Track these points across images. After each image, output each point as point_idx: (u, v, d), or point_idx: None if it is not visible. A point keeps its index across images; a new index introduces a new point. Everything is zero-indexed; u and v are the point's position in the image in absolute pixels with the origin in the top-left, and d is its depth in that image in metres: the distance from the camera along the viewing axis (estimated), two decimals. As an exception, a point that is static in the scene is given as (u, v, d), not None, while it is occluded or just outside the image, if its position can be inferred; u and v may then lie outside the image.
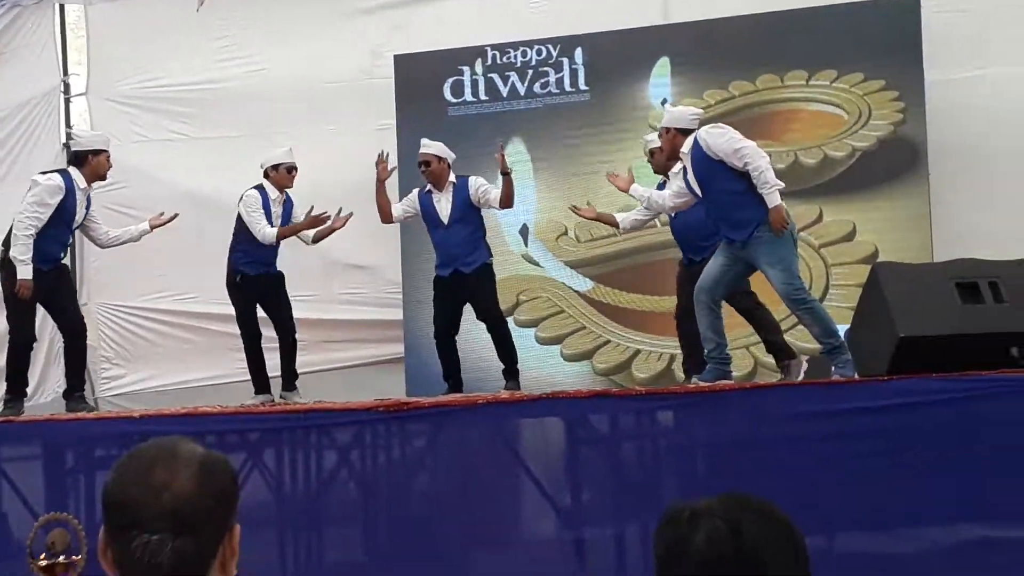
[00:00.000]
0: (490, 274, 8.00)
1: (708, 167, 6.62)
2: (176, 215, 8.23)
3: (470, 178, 8.01)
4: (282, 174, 8.18)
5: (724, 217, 6.64)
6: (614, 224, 7.82)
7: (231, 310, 8.93)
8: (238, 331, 8.50)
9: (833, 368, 6.57)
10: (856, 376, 6.43)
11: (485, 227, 8.09)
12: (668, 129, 6.89)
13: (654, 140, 7.53)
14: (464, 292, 7.92)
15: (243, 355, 8.37)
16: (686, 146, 6.75)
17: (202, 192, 10.03)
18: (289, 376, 8.23)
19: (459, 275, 7.88)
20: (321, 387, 8.75)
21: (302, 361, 8.47)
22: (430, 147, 8.03)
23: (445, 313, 7.96)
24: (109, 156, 7.79)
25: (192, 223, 9.68)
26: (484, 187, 7.96)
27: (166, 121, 10.42)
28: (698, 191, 6.79)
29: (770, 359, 7.73)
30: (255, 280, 8.12)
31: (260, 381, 8.19)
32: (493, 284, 8.02)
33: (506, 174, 7.80)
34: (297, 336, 8.31)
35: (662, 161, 7.42)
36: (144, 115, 10.44)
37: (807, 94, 9.03)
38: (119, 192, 9.82)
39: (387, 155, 8.12)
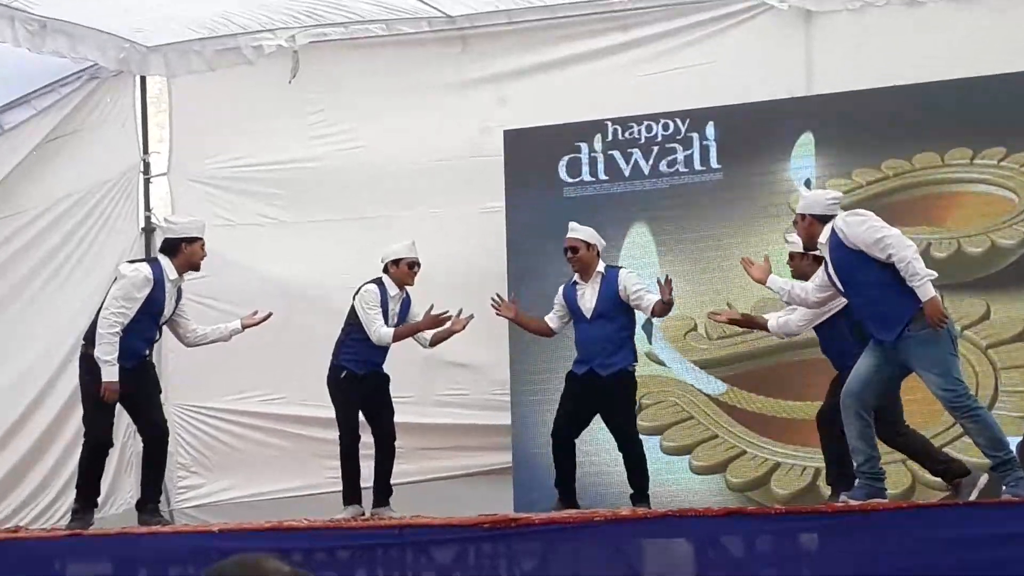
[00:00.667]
0: (630, 382, 8.03)
1: (848, 259, 6.62)
2: (270, 314, 8.36)
3: (621, 271, 8.10)
4: (403, 270, 8.31)
5: (870, 314, 6.61)
6: (763, 328, 7.75)
7: (320, 412, 9.13)
8: (327, 436, 8.60)
9: (1004, 487, 6.43)
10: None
11: (634, 327, 8.11)
12: (804, 216, 6.88)
13: (796, 244, 7.47)
14: (596, 397, 7.94)
15: (333, 463, 8.48)
16: (823, 235, 6.73)
17: (292, 282, 10.28)
18: (384, 489, 8.28)
19: (594, 376, 7.92)
20: (418, 501, 8.76)
21: (397, 471, 8.55)
22: (578, 231, 8.10)
23: (570, 414, 8.01)
24: (204, 244, 7.94)
25: (280, 316, 9.71)
26: (638, 288, 8.00)
27: (253, 203, 10.66)
28: (840, 285, 6.75)
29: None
30: (361, 380, 8.25)
31: (352, 490, 8.25)
32: (631, 395, 8.07)
33: (668, 303, 7.89)
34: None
35: (801, 266, 7.38)
36: (229, 197, 10.67)
37: (972, 174, 8.98)
38: (201, 282, 9.90)
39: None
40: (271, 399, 10.44)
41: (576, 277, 8.07)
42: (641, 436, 8.85)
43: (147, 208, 10.88)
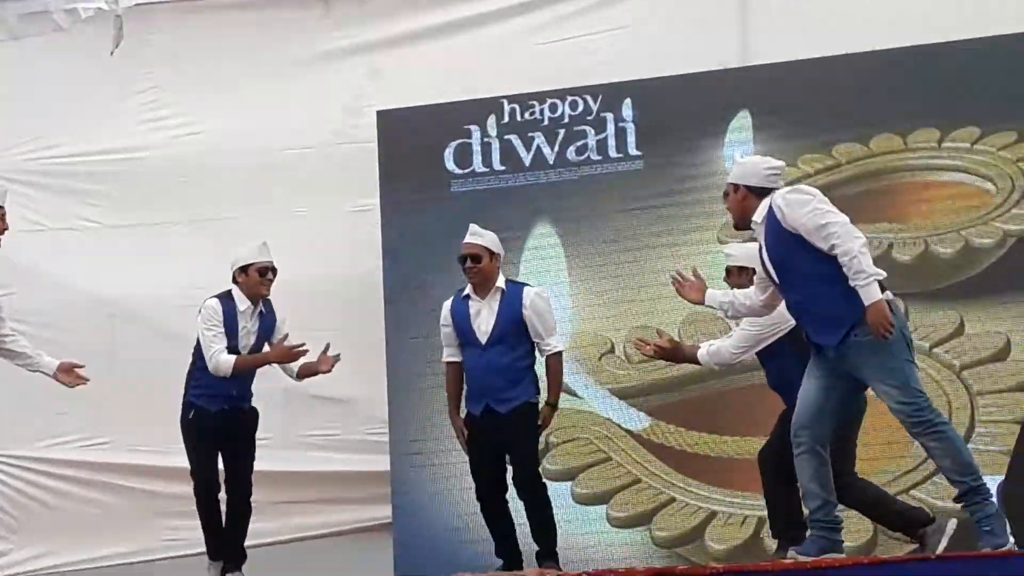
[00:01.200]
0: (532, 418, 7.93)
1: (785, 244, 6.46)
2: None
3: (528, 289, 7.94)
4: (253, 278, 8.12)
5: (809, 314, 6.51)
6: (695, 362, 7.63)
7: (156, 460, 9.25)
8: (164, 489, 8.68)
9: (980, 537, 6.41)
10: (1012, 543, 6.26)
11: (535, 356, 7.95)
12: (736, 187, 6.68)
13: (736, 256, 7.40)
14: (497, 438, 7.85)
15: (172, 522, 8.71)
16: (759, 213, 6.59)
17: (119, 300, 10.21)
18: (234, 553, 8.15)
19: (492, 414, 7.83)
20: (278, 566, 8.73)
21: (253, 529, 8.39)
22: (481, 236, 7.96)
23: (485, 464, 7.90)
24: (4, 215, 7.63)
25: (104, 343, 9.86)
26: (543, 319, 7.87)
27: (70, 203, 10.55)
28: (774, 276, 6.63)
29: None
30: (214, 417, 8.11)
31: (217, 545, 8.17)
32: (534, 432, 7.97)
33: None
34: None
35: (741, 282, 7.28)
36: (40, 196, 10.53)
37: (940, 160, 9.01)
38: (5, 299, 9.71)
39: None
40: (93, 445, 10.31)
41: (469, 290, 7.94)
42: (547, 481, 8.76)
43: (-63, 207, 10.71)
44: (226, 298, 8.12)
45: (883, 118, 9.08)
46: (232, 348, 8.00)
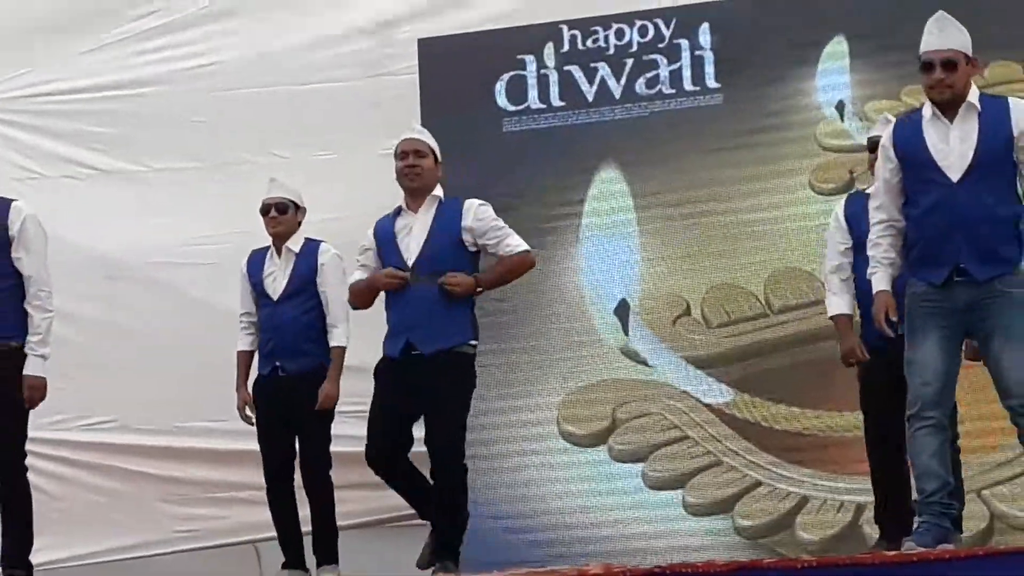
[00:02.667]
0: (465, 368, 7.60)
1: (999, 143, 6.50)
2: None
3: (469, 201, 7.68)
4: (264, 220, 8.41)
5: (971, 230, 6.48)
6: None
7: (170, 440, 9.50)
8: (179, 473, 8.98)
9: None
10: None
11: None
12: (969, 58, 6.65)
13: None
14: (417, 387, 7.49)
15: (185, 511, 8.98)
16: (973, 96, 6.60)
17: (122, 257, 10.26)
18: (322, 545, 8.23)
19: (415, 356, 7.51)
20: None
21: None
22: (423, 134, 7.81)
23: (389, 416, 7.55)
24: None
25: (103, 307, 10.00)
26: (495, 225, 7.64)
27: (65, 148, 10.57)
28: (954, 172, 6.51)
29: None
30: (264, 383, 8.32)
31: (286, 548, 8.28)
32: (466, 386, 7.61)
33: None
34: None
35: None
36: (29, 139, 10.58)
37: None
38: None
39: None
40: (95, 424, 10.34)
41: (403, 202, 7.68)
42: (618, 464, 9.39)
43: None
44: (261, 250, 8.44)
45: (1002, 42, 8.95)
46: (259, 291, 8.30)
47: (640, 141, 9.58)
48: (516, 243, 7.61)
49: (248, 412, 8.29)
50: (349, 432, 8.31)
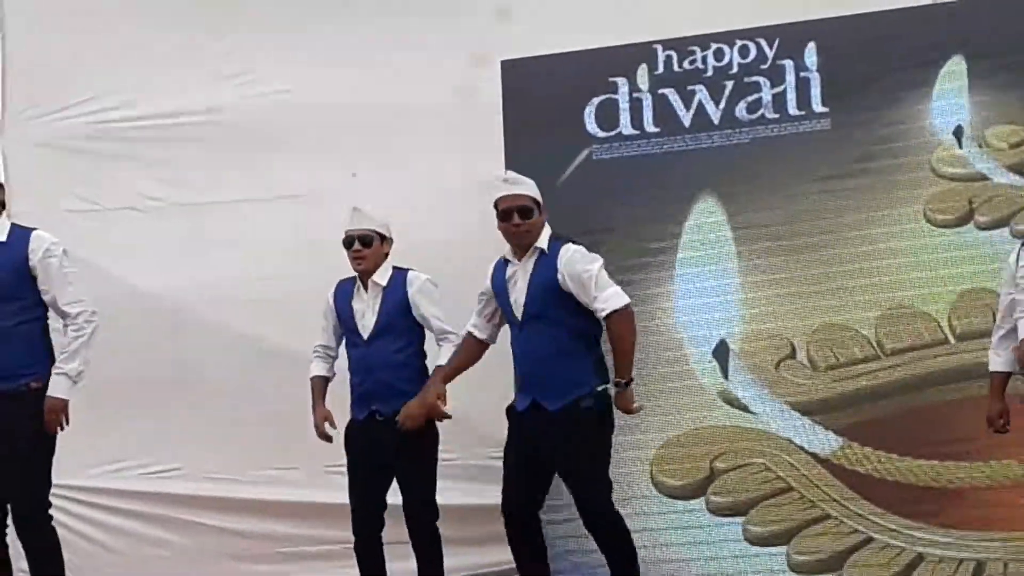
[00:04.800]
0: (597, 419, 7.90)
1: None
2: None
3: (570, 247, 7.98)
4: (348, 255, 8.54)
5: None
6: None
7: (238, 492, 9.73)
8: (248, 527, 9.35)
9: None
10: None
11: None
12: None
13: None
14: (548, 438, 7.87)
15: (256, 568, 9.30)
16: None
17: (187, 294, 10.28)
18: None
19: (540, 411, 7.87)
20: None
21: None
22: (524, 185, 8.12)
23: (519, 471, 8.00)
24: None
25: (169, 348, 10.00)
26: (592, 275, 7.88)
27: (128, 178, 10.58)
28: None
29: None
30: (359, 428, 8.45)
31: None
32: (598, 438, 7.94)
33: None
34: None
35: None
36: (92, 169, 10.62)
37: None
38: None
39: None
40: (158, 473, 10.37)
41: (508, 254, 8.06)
42: (716, 517, 9.26)
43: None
44: (345, 283, 8.60)
45: None
46: (348, 328, 8.46)
47: (741, 170, 9.42)
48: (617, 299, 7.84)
49: (328, 429, 8.43)
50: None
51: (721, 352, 9.33)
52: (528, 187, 8.04)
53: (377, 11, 10.38)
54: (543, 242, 7.94)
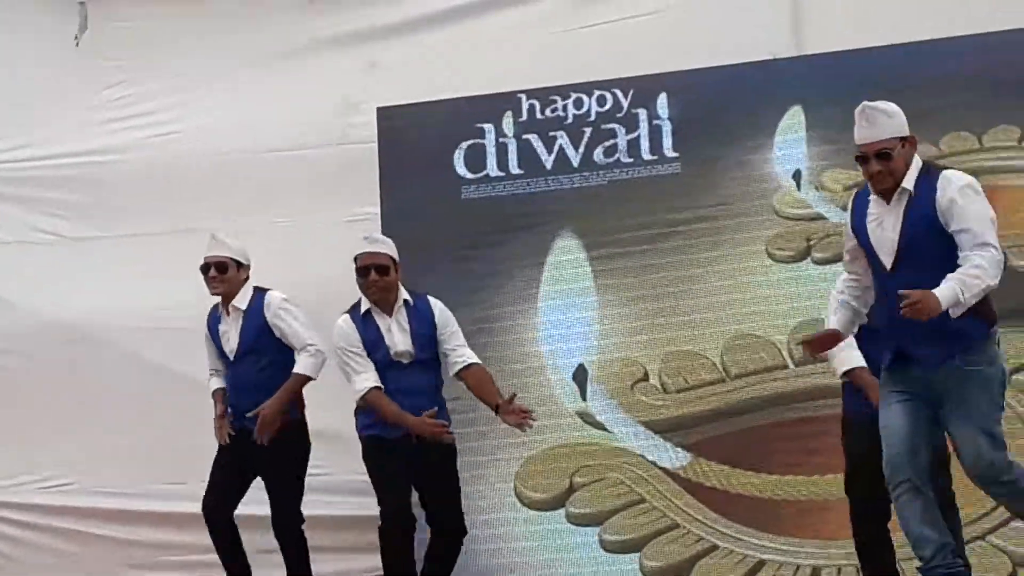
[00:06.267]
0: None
1: (928, 225, 6.30)
2: None
3: (432, 300, 8.14)
4: (205, 280, 8.42)
5: (910, 323, 6.17)
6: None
7: (128, 504, 9.63)
8: (137, 536, 9.12)
9: None
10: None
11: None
12: (905, 140, 6.50)
13: None
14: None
15: (143, 574, 9.15)
16: (909, 178, 6.41)
17: (85, 323, 10.06)
18: None
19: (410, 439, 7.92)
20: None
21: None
22: (384, 244, 8.07)
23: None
24: None
25: (66, 371, 9.82)
26: (454, 332, 8.12)
27: (28, 214, 10.45)
28: (887, 259, 6.40)
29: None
30: (235, 439, 8.32)
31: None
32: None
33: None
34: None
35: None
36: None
37: (1021, 162, 8.81)
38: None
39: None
40: (54, 487, 10.15)
41: (368, 306, 8.01)
42: (575, 527, 9.11)
43: None
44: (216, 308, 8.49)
45: (954, 115, 8.87)
46: (219, 351, 8.35)
47: (598, 209, 9.39)
48: (466, 356, 8.06)
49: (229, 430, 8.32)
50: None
51: (580, 376, 9.23)
52: (387, 246, 7.98)
53: (258, 60, 10.24)
54: (406, 295, 7.99)
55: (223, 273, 8.21)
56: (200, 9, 10.38)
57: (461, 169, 9.54)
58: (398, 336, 7.93)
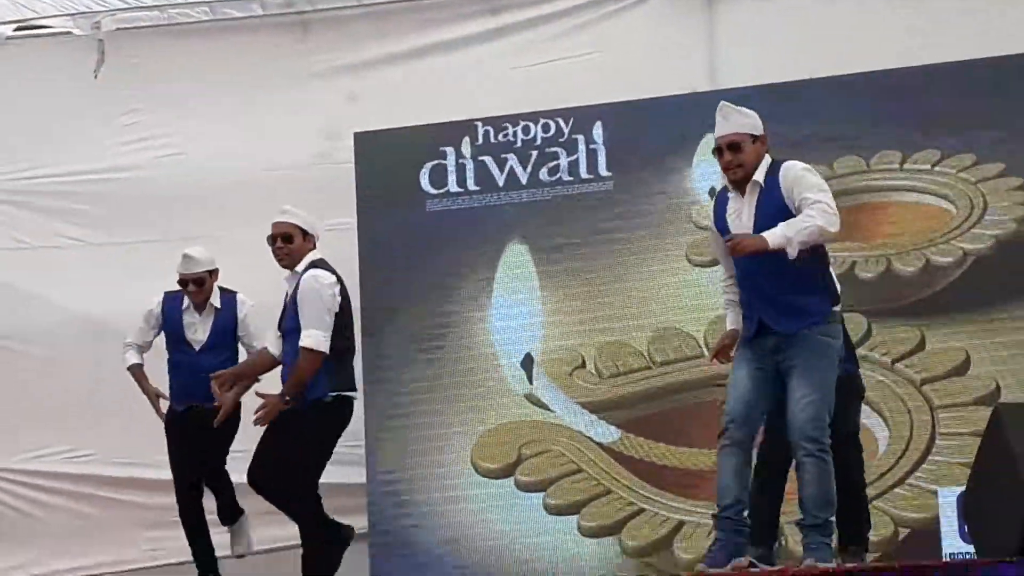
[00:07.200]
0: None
1: (778, 212, 6.25)
2: None
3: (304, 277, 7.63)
4: (186, 291, 8.45)
5: (770, 295, 6.32)
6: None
7: (138, 472, 9.40)
8: (146, 500, 8.91)
9: (804, 551, 6.35)
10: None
11: None
12: (756, 137, 6.48)
13: None
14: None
15: (152, 533, 9.02)
16: (759, 172, 6.39)
17: (101, 317, 10.09)
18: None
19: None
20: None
21: (226, 541, 8.55)
22: (294, 215, 7.70)
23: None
24: None
25: (88, 357, 9.85)
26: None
27: (53, 222, 10.51)
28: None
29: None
30: (181, 416, 8.34)
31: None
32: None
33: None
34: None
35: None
36: (22, 215, 10.54)
37: (902, 181, 9.01)
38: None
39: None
40: (77, 457, 10.25)
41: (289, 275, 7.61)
42: (522, 493, 9.34)
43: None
44: (174, 296, 8.50)
45: (846, 141, 9.05)
46: (175, 337, 8.40)
47: (543, 219, 9.57)
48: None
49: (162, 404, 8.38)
50: None
51: (527, 363, 9.42)
52: (295, 217, 7.64)
53: (253, 91, 10.33)
54: (304, 264, 7.50)
55: (201, 286, 8.28)
56: (202, 46, 10.38)
57: (426, 185, 9.66)
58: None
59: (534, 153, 9.61)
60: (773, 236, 6.08)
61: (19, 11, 10.33)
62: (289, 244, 7.59)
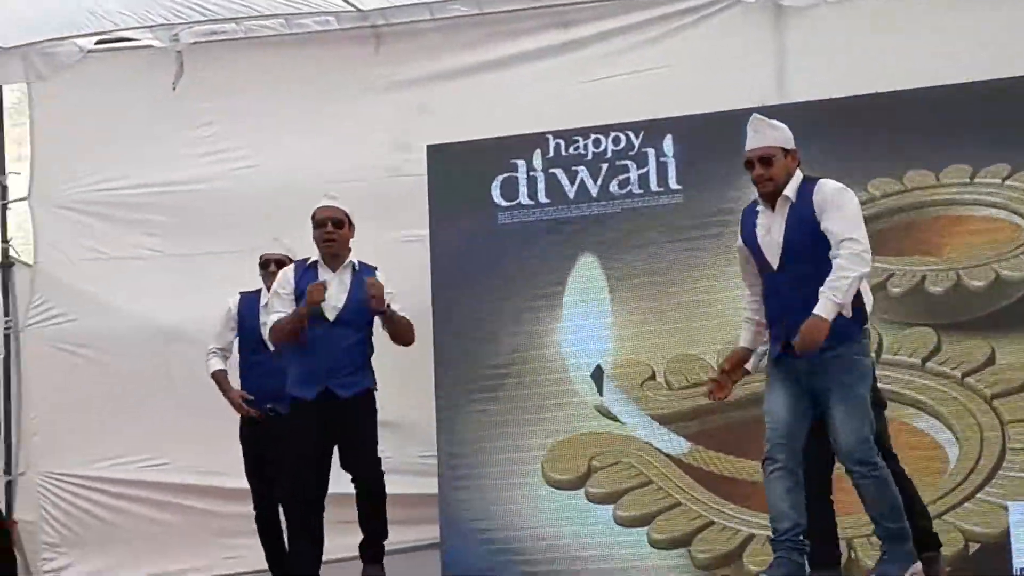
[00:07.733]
0: (372, 407, 7.83)
1: (808, 230, 6.27)
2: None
3: (377, 271, 7.89)
4: (262, 275, 8.57)
5: (796, 312, 6.21)
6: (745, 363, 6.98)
7: (215, 481, 9.44)
8: (223, 509, 9.01)
9: (878, 564, 6.29)
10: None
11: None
12: (787, 151, 6.49)
13: None
14: (336, 425, 7.66)
15: (231, 541, 8.99)
16: (791, 187, 6.40)
17: (177, 326, 10.21)
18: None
19: (332, 398, 7.65)
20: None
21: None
22: (337, 201, 7.86)
23: (308, 456, 7.62)
24: None
25: (162, 367, 9.97)
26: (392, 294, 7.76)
27: (130, 233, 10.58)
28: (773, 260, 6.40)
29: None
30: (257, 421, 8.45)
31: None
32: (374, 420, 7.86)
33: (382, 313, 7.65)
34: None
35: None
36: (102, 226, 10.60)
37: (972, 195, 8.93)
38: (70, 325, 9.99)
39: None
40: (152, 465, 10.37)
41: (317, 259, 7.83)
42: (592, 504, 9.26)
43: (3, 239, 10.85)
44: (253, 294, 8.65)
45: (916, 154, 9.00)
46: (257, 340, 8.32)
47: (613, 232, 9.54)
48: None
49: (247, 406, 8.41)
50: None
51: (597, 375, 9.38)
52: (344, 204, 7.84)
53: (325, 104, 10.38)
54: (354, 259, 7.78)
55: (339, 228, 7.89)
56: (276, 60, 10.43)
57: (497, 198, 9.66)
58: (335, 291, 7.67)
59: (604, 166, 9.59)
60: (827, 312, 6.06)
61: (100, 23, 10.36)
62: (340, 230, 7.74)
